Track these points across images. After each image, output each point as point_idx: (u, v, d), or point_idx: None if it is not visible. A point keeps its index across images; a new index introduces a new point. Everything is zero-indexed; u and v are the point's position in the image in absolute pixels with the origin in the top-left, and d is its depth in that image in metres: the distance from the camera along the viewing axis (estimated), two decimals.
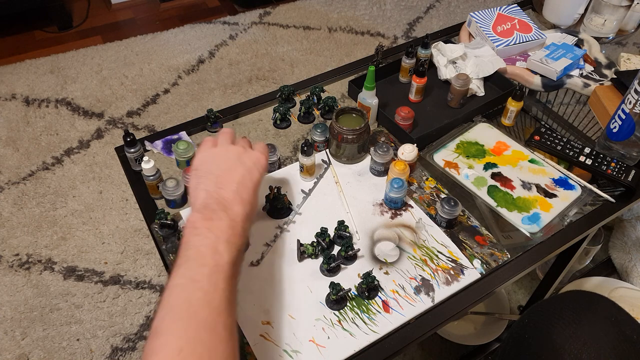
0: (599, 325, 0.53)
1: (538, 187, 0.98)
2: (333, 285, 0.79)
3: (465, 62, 1.20)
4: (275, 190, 0.92)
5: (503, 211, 0.93)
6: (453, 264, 0.86)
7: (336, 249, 0.88)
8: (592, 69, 1.24)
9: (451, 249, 0.88)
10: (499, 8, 1.33)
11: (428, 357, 1.42)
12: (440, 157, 1.03)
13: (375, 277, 0.81)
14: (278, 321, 0.79)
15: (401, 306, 0.80)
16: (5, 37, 2.43)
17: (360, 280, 0.82)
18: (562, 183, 0.99)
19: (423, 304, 0.81)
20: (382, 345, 0.76)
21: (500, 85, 1.19)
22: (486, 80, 1.21)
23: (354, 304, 0.81)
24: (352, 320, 0.79)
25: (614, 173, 0.97)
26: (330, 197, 0.97)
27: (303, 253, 0.86)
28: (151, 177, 0.95)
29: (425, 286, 0.83)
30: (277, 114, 1.12)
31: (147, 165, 0.94)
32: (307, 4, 2.63)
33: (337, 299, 0.80)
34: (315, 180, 1.01)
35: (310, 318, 0.79)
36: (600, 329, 0.52)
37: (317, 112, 1.16)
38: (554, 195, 0.96)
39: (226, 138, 0.76)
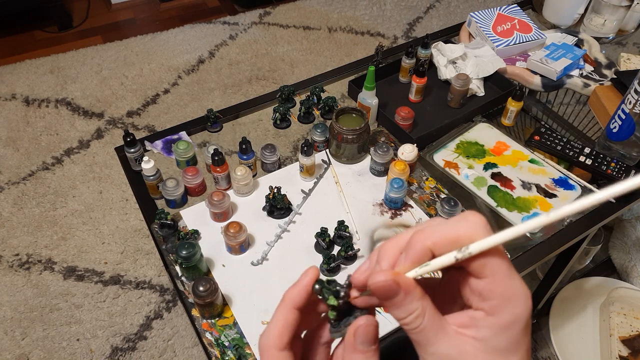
0: None
1: (538, 187, 0.98)
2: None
3: (465, 62, 1.20)
4: (275, 190, 0.92)
5: (503, 211, 0.93)
6: None
7: (336, 249, 0.88)
8: (592, 69, 1.24)
9: None
10: (499, 8, 1.32)
11: None
12: (440, 157, 1.03)
13: None
14: None
15: None
16: (5, 37, 2.43)
17: None
18: (562, 183, 0.99)
19: None
20: (382, 345, 0.76)
21: (500, 85, 1.19)
22: (486, 80, 1.21)
23: None
24: None
25: (614, 173, 0.97)
26: (330, 197, 0.97)
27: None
28: (151, 177, 0.95)
29: None
30: (277, 114, 1.12)
31: (147, 165, 0.94)
32: (307, 4, 2.62)
33: None
34: (315, 180, 1.00)
35: None
36: None
37: (317, 112, 1.16)
38: (554, 195, 0.96)
39: None
